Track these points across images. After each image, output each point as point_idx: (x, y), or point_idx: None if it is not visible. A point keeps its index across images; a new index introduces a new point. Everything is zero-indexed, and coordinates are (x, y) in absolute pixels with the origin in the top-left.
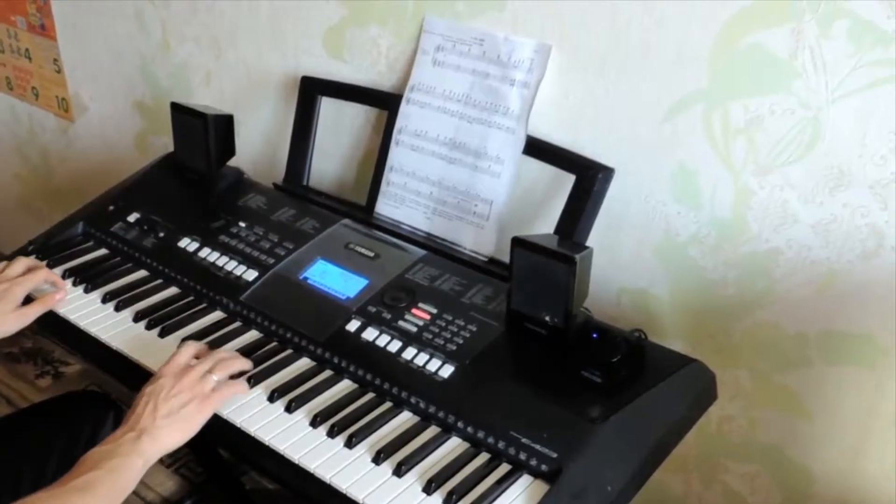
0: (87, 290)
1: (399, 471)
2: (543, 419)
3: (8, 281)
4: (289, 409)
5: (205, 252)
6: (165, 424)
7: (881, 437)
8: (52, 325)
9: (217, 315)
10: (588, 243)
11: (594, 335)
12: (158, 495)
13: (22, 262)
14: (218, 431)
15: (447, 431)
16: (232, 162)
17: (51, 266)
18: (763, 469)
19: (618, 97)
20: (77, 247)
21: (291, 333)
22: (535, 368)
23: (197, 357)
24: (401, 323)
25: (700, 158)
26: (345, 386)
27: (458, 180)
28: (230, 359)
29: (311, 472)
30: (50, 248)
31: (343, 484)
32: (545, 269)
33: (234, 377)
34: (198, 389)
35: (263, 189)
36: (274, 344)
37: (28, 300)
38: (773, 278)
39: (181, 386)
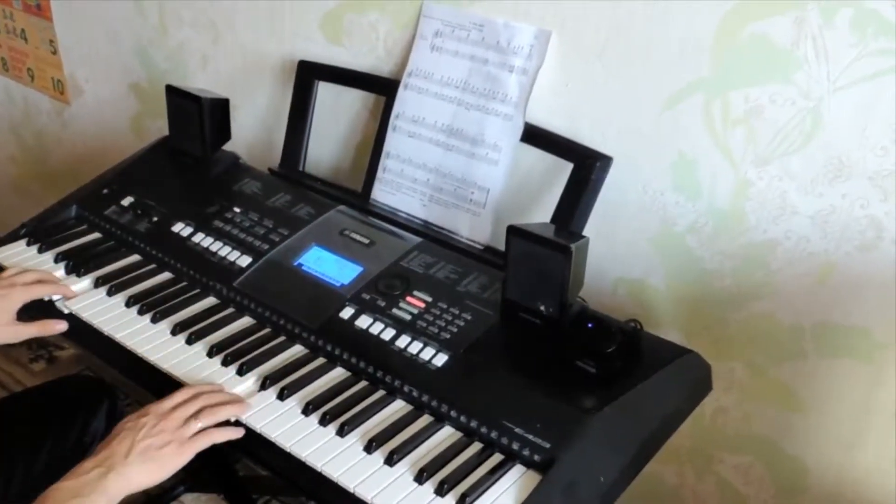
0: (79, 274)
1: (391, 460)
2: (537, 409)
3: (10, 286)
4: (281, 396)
5: (199, 237)
6: (136, 463)
7: (876, 431)
8: (43, 309)
9: (210, 301)
10: (585, 232)
11: (589, 325)
12: None
13: (34, 273)
14: None
15: (440, 420)
16: (228, 146)
17: (43, 250)
18: (757, 461)
19: (617, 85)
20: (70, 230)
21: (285, 320)
22: (529, 358)
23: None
24: (395, 311)
25: (699, 148)
26: (338, 374)
27: (454, 167)
28: (222, 405)
29: (303, 460)
30: (43, 231)
31: (335, 472)
32: (541, 258)
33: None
34: (178, 434)
35: (259, 174)
36: (267, 330)
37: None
38: (771, 269)
39: (163, 426)
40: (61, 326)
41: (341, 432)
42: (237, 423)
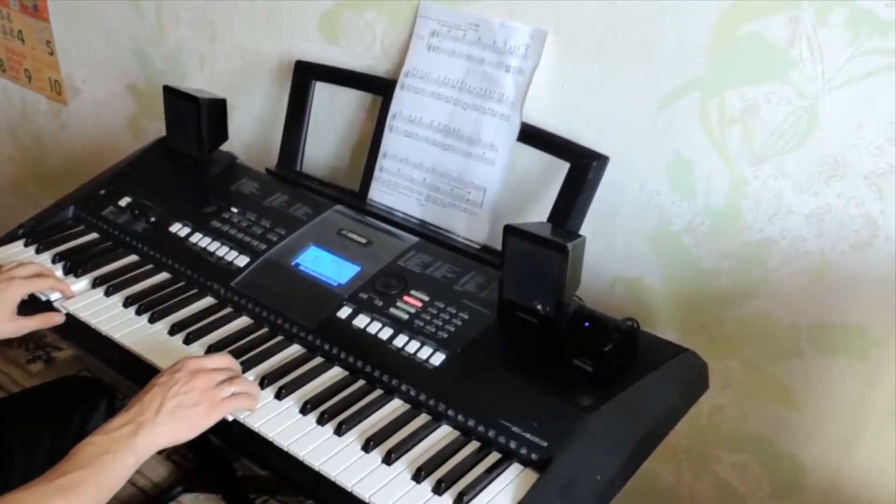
0: (77, 275)
1: (389, 459)
2: (534, 408)
3: (9, 280)
4: (279, 395)
5: (196, 237)
6: (166, 420)
7: (872, 429)
8: (41, 310)
9: (208, 301)
10: (582, 231)
11: (586, 324)
12: (150, 481)
13: (32, 266)
14: None
15: (437, 419)
16: (225, 146)
17: (40, 251)
18: (753, 459)
19: (614, 84)
20: (67, 231)
21: (282, 320)
22: (526, 357)
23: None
24: (392, 310)
25: (695, 147)
26: (335, 373)
27: (451, 167)
28: (249, 381)
29: (301, 459)
30: (40, 232)
31: (332, 471)
32: (537, 257)
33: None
34: (210, 394)
35: (256, 174)
36: (265, 330)
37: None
38: (767, 268)
39: (195, 384)
40: (59, 318)
41: (339, 431)
42: None
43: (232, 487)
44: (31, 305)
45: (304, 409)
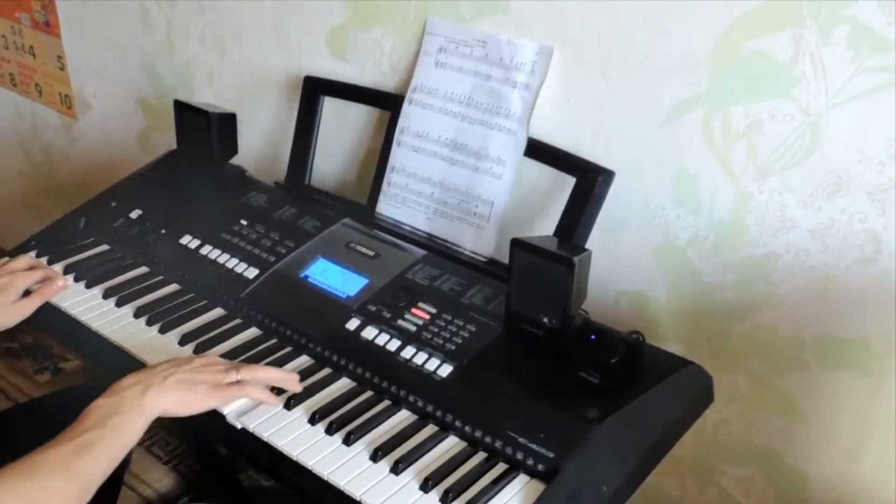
0: (88, 286)
1: (396, 469)
2: (540, 419)
3: (10, 274)
4: (288, 406)
5: (206, 249)
6: (173, 388)
7: (876, 442)
8: (53, 320)
9: (217, 312)
10: (587, 245)
11: (592, 337)
12: (155, 492)
13: (25, 259)
14: (216, 427)
15: (445, 430)
16: (234, 160)
17: (52, 262)
18: (758, 472)
19: (619, 100)
20: (79, 242)
21: (291, 331)
22: (532, 369)
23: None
24: (400, 322)
25: (700, 162)
26: (343, 384)
27: (459, 181)
28: (269, 372)
29: (309, 468)
30: (51, 244)
31: (340, 481)
32: (544, 270)
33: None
34: (216, 378)
35: (265, 187)
36: (273, 341)
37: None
38: (771, 282)
39: (203, 367)
40: (61, 283)
41: (347, 441)
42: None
43: (239, 497)
44: (41, 311)
45: (313, 420)
